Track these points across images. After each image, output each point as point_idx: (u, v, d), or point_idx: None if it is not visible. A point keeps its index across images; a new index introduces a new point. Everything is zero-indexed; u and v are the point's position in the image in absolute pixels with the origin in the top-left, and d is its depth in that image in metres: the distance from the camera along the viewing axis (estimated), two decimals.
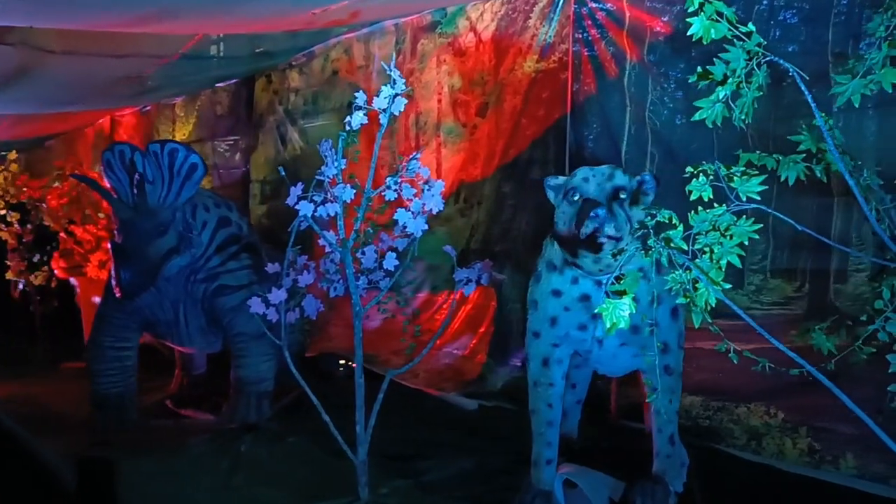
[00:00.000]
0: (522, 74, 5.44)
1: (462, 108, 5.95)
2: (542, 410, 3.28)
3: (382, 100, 3.52)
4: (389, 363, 6.54)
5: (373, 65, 6.80)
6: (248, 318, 4.58)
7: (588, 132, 5.03)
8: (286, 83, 7.93)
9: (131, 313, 4.59)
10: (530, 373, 3.31)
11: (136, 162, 4.19)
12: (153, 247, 4.14)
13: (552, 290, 3.16)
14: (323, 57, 7.42)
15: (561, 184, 3.09)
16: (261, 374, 4.66)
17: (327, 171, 3.46)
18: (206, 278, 4.55)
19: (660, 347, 3.13)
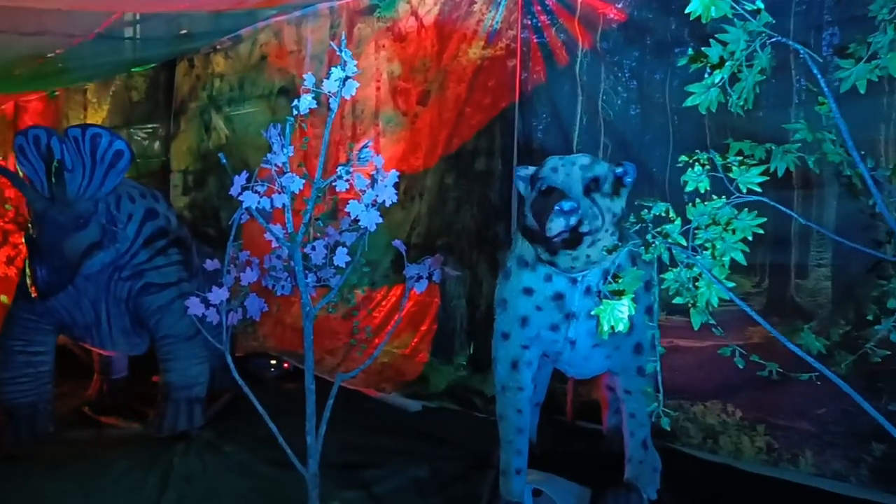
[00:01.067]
0: (467, 61, 5.22)
1: (402, 96, 5.70)
2: (510, 417, 3.07)
3: (333, 82, 3.23)
4: (324, 363, 6.26)
5: (305, 49, 6.47)
6: (176, 318, 4.26)
7: (537, 122, 4.85)
8: (210, 68, 7.51)
9: (45, 314, 4.16)
10: (498, 376, 3.10)
11: (53, 148, 3.79)
12: (72, 241, 3.75)
13: (523, 289, 2.95)
14: (250, 41, 7.04)
15: (531, 174, 2.87)
16: (191, 378, 4.30)
17: (274, 159, 3.15)
18: (132, 276, 4.17)
19: (633, 348, 2.97)
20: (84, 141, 3.79)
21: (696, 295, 2.06)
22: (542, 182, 2.73)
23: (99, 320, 4.24)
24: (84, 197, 3.83)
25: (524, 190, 2.86)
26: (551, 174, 2.72)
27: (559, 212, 2.46)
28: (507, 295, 3.00)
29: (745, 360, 2.07)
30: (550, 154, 4.82)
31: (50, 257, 3.65)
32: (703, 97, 2.27)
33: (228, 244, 3.31)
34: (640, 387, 2.99)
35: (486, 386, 5.07)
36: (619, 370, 3.04)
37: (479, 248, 5.17)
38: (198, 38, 6.95)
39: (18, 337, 4.18)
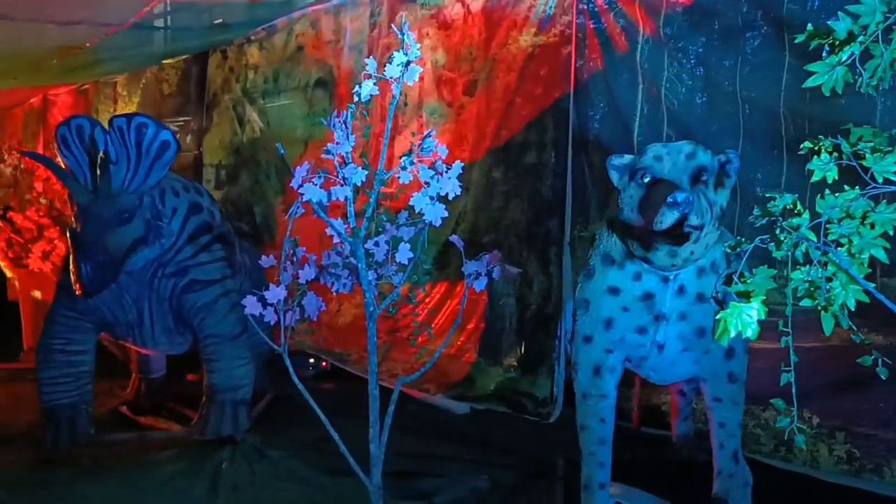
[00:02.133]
0: (517, 49, 5.01)
1: (447, 87, 5.50)
2: (592, 426, 2.86)
3: (395, 67, 3.03)
4: (363, 362, 6.08)
5: (344, 39, 6.28)
6: (220, 317, 4.09)
7: (594, 112, 4.64)
8: (244, 59, 7.34)
9: (87, 312, 4.00)
10: (578, 383, 2.89)
11: (96, 139, 3.62)
12: (116, 236, 3.58)
13: (608, 288, 2.74)
14: (286, 31, 6.86)
15: (627, 163, 2.65)
16: (236, 379, 4.13)
17: (338, 149, 2.95)
18: (175, 273, 3.99)
19: (725, 352, 2.76)
20: (129, 131, 3.62)
21: (829, 297, 1.84)
22: (644, 172, 2.51)
23: (141, 318, 4.08)
24: (128, 190, 3.66)
25: (618, 181, 2.64)
26: (655, 163, 2.50)
27: (672, 204, 2.25)
28: (590, 295, 2.79)
29: (888, 370, 1.85)
30: (607, 146, 4.65)
31: (94, 253, 3.48)
32: (826, 77, 2.03)
33: (285, 240, 3.11)
34: (730, 394, 2.78)
35: (536, 388, 4.87)
36: (707, 376, 2.82)
37: (529, 244, 4.96)
38: (232, 29, 6.78)
39: (59, 335, 4.02)
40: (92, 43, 6.20)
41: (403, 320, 5.85)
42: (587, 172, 4.67)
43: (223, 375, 4.10)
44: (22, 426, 4.83)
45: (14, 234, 5.96)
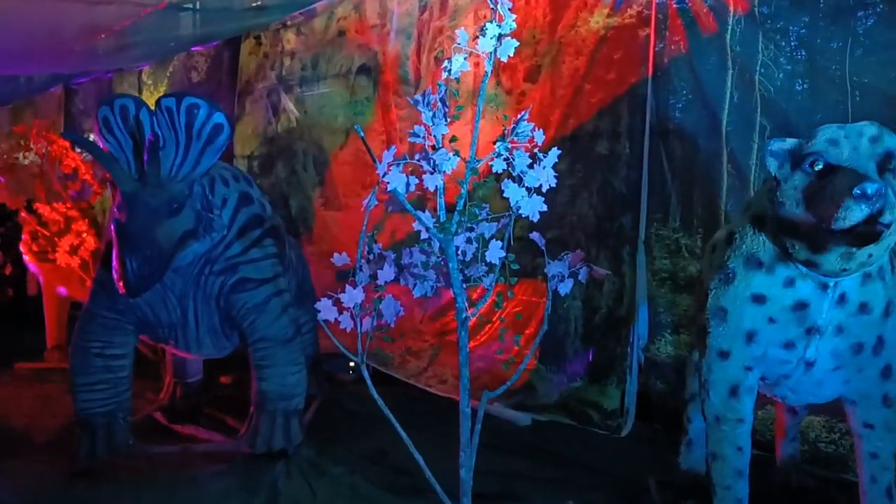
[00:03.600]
0: (587, 32, 4.63)
1: (506, 73, 5.13)
2: (728, 456, 2.48)
3: (487, 41, 2.66)
4: (407, 366, 5.73)
5: (390, 23, 5.91)
6: (273, 318, 3.75)
7: (675, 99, 4.26)
8: (280, 45, 6.99)
9: (127, 312, 3.64)
10: (710, 405, 2.51)
11: (142, 121, 3.26)
12: (165, 229, 3.22)
13: (752, 295, 2.36)
14: (326, 15, 6.50)
15: (791, 148, 2.26)
16: (289, 387, 3.76)
17: (435, 132, 2.59)
18: (224, 269, 3.63)
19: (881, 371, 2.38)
20: (179, 112, 3.25)
21: None
22: (815, 158, 2.12)
23: (186, 319, 3.72)
24: (177, 178, 3.29)
25: (777, 169, 2.26)
26: (830, 148, 2.11)
27: (860, 197, 1.86)
28: (729, 303, 2.41)
29: None
30: (690, 135, 4.27)
31: (141, 247, 3.11)
32: None
33: (361, 235, 2.75)
34: (885, 420, 2.40)
35: (604, 399, 4.51)
36: (858, 398, 2.44)
37: (599, 241, 4.58)
38: (270, 12, 6.43)
39: (97, 337, 3.66)
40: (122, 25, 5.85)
41: (453, 322, 5.48)
42: (666, 164, 4.30)
43: (275, 383, 3.73)
44: (51, 433, 4.51)
45: (40, 226, 5.61)
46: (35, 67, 7.98)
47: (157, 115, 3.29)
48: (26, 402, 5.29)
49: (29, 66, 7.87)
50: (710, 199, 4.10)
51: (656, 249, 4.35)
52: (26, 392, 5.53)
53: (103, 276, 3.68)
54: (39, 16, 5.70)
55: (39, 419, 4.83)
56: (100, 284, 3.71)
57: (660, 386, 4.37)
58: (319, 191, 6.56)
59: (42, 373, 6.07)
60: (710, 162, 4.10)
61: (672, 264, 4.28)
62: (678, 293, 4.25)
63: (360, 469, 3.63)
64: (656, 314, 4.36)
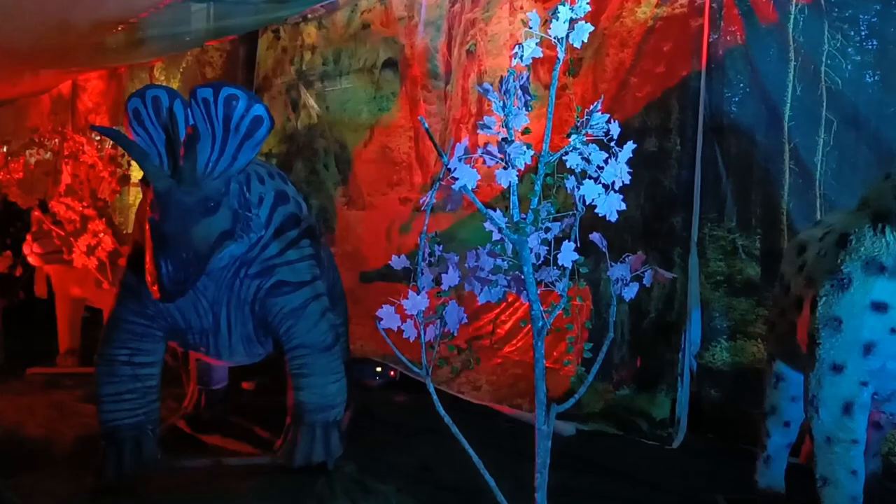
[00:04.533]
0: (633, 23, 4.41)
1: (544, 66, 4.89)
2: (842, 481, 2.26)
3: (560, 25, 2.44)
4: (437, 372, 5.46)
5: (418, 15, 5.69)
6: (311, 324, 3.52)
7: (731, 93, 4.05)
8: (299, 40, 6.76)
9: (156, 317, 3.42)
10: (821, 424, 2.28)
11: (176, 113, 3.04)
12: (200, 229, 2.98)
13: (872, 303, 2.13)
14: (349, 8, 6.27)
15: None
16: (329, 397, 3.53)
17: (511, 122, 2.37)
18: (260, 272, 3.40)
19: None
20: (216, 104, 3.02)
21: None
22: None
23: (218, 325, 3.49)
24: (213, 174, 3.06)
25: None
26: None
27: None
28: (844, 312, 2.18)
29: None
30: (747, 130, 4.05)
31: (176, 249, 2.88)
32: None
33: (422, 237, 2.52)
34: None
35: (653, 408, 4.29)
36: None
37: (647, 243, 4.35)
38: (292, 5, 6.19)
39: (125, 345, 3.43)
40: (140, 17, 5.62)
41: (486, 327, 5.27)
42: (721, 161, 4.08)
43: (314, 393, 3.50)
44: (69, 445, 4.29)
45: (54, 225, 5.38)
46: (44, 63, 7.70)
47: (192, 106, 3.06)
48: (40, 410, 5.06)
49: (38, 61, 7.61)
50: (770, 197, 3.89)
51: (710, 251, 4.13)
52: (40, 400, 5.30)
53: (131, 280, 3.46)
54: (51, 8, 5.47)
55: (56, 430, 4.61)
56: (127, 288, 3.48)
57: (714, 395, 4.16)
58: (342, 190, 6.33)
59: (55, 378, 5.84)
60: (769, 158, 3.89)
61: (728, 266, 4.06)
62: (735, 297, 4.04)
63: (406, 487, 3.40)
64: (710, 319, 4.14)
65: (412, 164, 5.75)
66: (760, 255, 3.93)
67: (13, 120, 11.21)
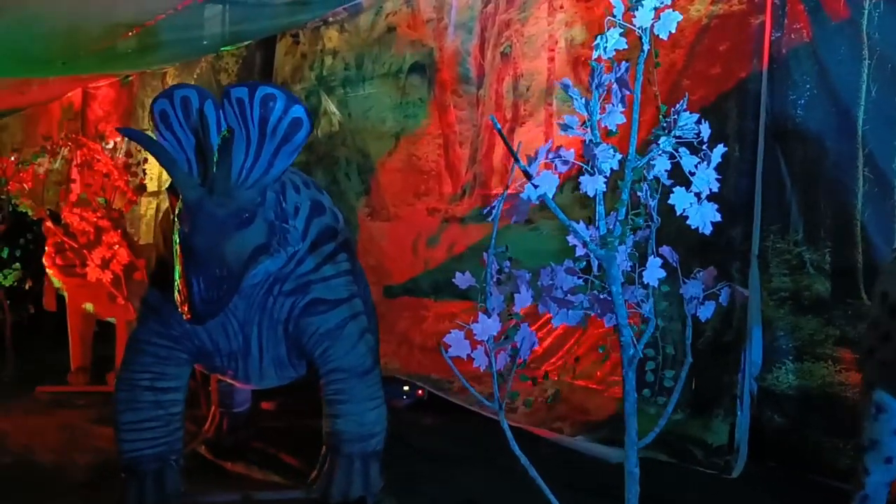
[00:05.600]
0: (686, 21, 4.12)
1: (587, 68, 4.61)
2: None
3: (646, 14, 2.18)
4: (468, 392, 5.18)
5: (448, 17, 5.43)
6: (349, 345, 3.23)
7: (796, 95, 3.76)
8: (320, 44, 6.50)
9: (182, 339, 3.14)
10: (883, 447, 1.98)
11: (207, 115, 2.77)
12: (234, 244, 2.70)
13: None
14: (373, 11, 6.01)
15: None
16: (368, 426, 3.24)
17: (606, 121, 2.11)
18: (295, 289, 3.12)
19: None
20: (252, 105, 2.74)
21: None
22: None
23: (248, 347, 3.21)
24: (247, 183, 2.78)
25: None
26: None
27: None
28: None
29: None
30: (815, 136, 3.76)
31: (208, 265, 2.60)
32: None
33: (489, 253, 2.24)
34: None
35: (709, 433, 3.99)
36: None
37: (703, 256, 4.04)
38: (314, 7, 5.93)
39: (147, 368, 3.15)
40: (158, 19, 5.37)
41: None
42: (785, 169, 3.80)
43: (352, 421, 3.21)
44: (82, 473, 4.02)
45: (66, 237, 5.12)
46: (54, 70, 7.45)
47: (224, 108, 2.78)
48: (51, 433, 4.78)
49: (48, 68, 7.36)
50: (842, 207, 3.60)
51: (773, 265, 3.84)
52: (50, 421, 5.03)
53: (154, 298, 3.18)
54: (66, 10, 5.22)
55: (68, 455, 4.34)
56: (150, 307, 3.20)
57: (777, 420, 3.86)
58: (365, 200, 6.05)
59: (65, 397, 5.58)
60: (840, 165, 3.60)
61: (793, 282, 3.77)
62: (802, 315, 3.74)
63: None
64: (774, 339, 3.85)
65: (441, 174, 5.47)
66: (831, 270, 3.65)
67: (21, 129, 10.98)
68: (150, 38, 5.98)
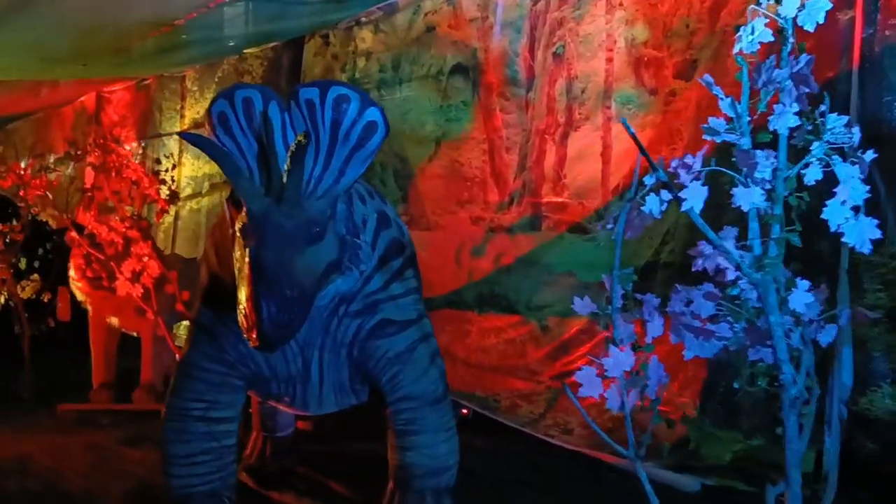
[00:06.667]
0: None
1: (650, 69, 4.35)
2: None
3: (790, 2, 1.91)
4: (518, 411, 4.91)
5: (494, 15, 5.15)
6: (420, 371, 2.96)
7: (892, 97, 3.48)
8: (352, 45, 6.22)
9: (237, 365, 2.86)
10: None
11: (271, 118, 2.49)
12: (305, 261, 2.42)
13: None
14: (411, 10, 5.73)
15: None
16: (440, 459, 2.95)
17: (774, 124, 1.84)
18: (362, 310, 2.84)
19: None
20: (324, 107, 2.46)
21: None
22: None
23: (308, 372, 2.93)
24: (316, 193, 2.50)
25: None
26: None
27: None
28: None
29: None
30: None
31: (280, 286, 2.31)
32: None
33: (613, 275, 1.96)
34: None
35: None
36: None
37: None
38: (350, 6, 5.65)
39: (200, 396, 2.86)
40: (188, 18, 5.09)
41: (579, 360, 4.68)
42: (878, 176, 3.50)
43: (424, 454, 2.92)
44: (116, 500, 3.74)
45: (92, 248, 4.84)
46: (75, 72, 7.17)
47: (293, 109, 2.50)
48: (78, 456, 4.54)
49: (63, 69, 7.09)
50: None
51: (866, 280, 3.55)
52: (75, 442, 4.78)
53: (207, 319, 2.91)
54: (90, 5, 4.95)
55: (99, 481, 4.12)
56: (202, 329, 2.92)
57: (871, 447, 3.56)
58: (402, 208, 5.76)
59: (89, 415, 5.33)
60: None
61: (890, 298, 3.49)
62: None
63: None
64: (867, 360, 3.56)
65: (486, 181, 5.19)
66: None
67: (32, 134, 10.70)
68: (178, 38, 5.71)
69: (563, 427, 4.64)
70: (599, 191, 4.53)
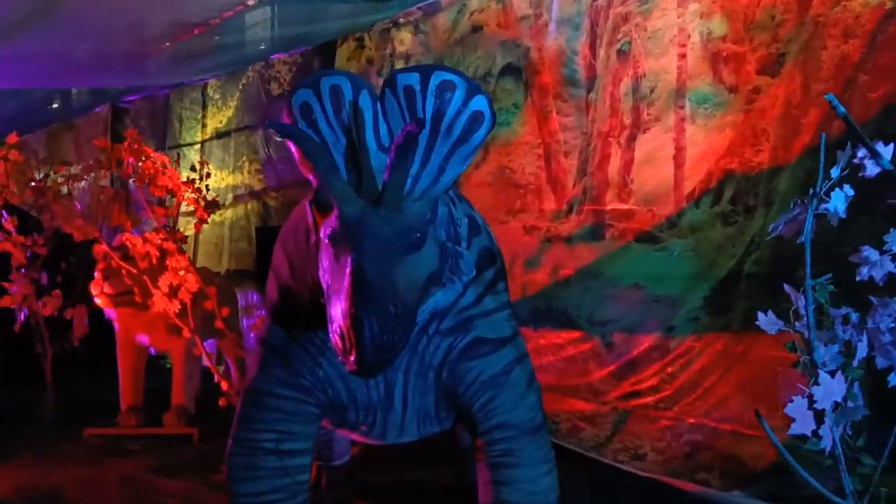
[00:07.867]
0: (863, 6, 3.56)
1: (730, 65, 4.04)
2: None
3: None
4: (581, 434, 4.57)
5: (548, 13, 4.85)
6: (517, 396, 2.62)
7: None
8: (389, 47, 5.93)
9: (312, 391, 2.52)
10: None
11: (362, 109, 2.16)
12: (405, 271, 2.10)
13: None
14: (455, 9, 5.44)
15: None
16: (541, 495, 2.60)
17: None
18: (455, 327, 2.51)
19: None
20: (425, 95, 2.14)
21: None
22: None
23: (391, 398, 2.59)
24: (414, 193, 2.17)
25: None
26: None
27: None
28: None
29: None
30: None
31: (383, 300, 1.98)
32: None
33: (807, 286, 1.63)
34: None
35: None
36: None
37: None
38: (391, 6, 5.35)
39: (270, 427, 2.52)
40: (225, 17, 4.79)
41: (647, 381, 4.35)
42: None
43: (523, 489, 2.58)
44: None
45: (124, 261, 4.51)
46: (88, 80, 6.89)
47: (387, 99, 2.18)
48: (110, 488, 4.21)
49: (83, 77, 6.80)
50: None
51: None
52: (106, 472, 4.45)
53: (278, 340, 2.57)
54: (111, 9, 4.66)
55: None
56: (272, 350, 2.58)
57: None
58: None
59: (117, 441, 4.98)
60: None
61: None
62: None
63: None
64: None
65: (541, 188, 4.87)
66: None
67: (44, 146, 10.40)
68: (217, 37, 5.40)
69: (633, 452, 4.31)
70: (671, 196, 4.21)
